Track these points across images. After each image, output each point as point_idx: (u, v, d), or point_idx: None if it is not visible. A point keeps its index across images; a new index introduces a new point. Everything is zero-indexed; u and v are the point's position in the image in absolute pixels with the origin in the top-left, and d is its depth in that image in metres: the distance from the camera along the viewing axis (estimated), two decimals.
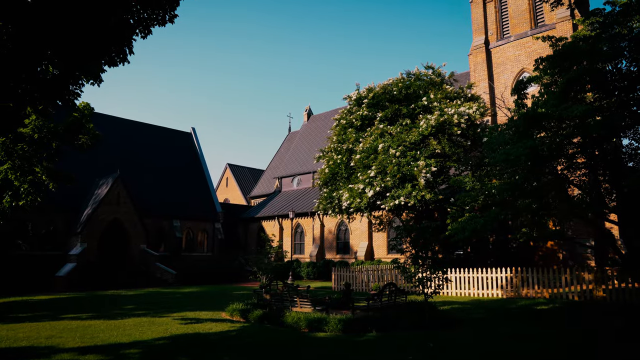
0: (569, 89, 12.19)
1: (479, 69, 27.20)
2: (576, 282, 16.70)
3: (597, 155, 13.81)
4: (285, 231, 37.95)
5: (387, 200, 19.35)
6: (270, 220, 39.41)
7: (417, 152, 19.20)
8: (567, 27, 23.81)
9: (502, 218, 13.26)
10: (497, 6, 27.92)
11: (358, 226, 32.54)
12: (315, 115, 50.27)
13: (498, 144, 13.13)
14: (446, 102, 20.48)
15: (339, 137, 23.04)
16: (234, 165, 57.22)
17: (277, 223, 38.51)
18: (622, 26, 12.15)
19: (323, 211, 23.46)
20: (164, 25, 9.76)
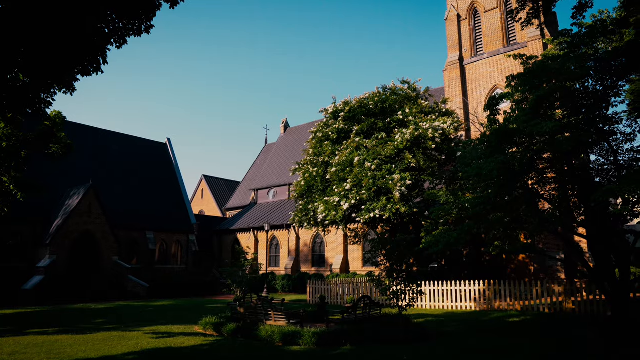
0: (539, 106, 12.48)
1: (453, 85, 27.73)
2: (547, 295, 17.04)
3: (566, 171, 14.15)
4: (261, 243, 37.70)
5: (362, 213, 19.44)
6: (246, 232, 39.12)
7: (393, 166, 19.39)
8: (538, 46, 24.52)
9: (475, 231, 13.42)
10: (471, 24, 28.58)
11: (334, 239, 32.56)
12: (292, 128, 50.36)
13: (471, 158, 13.34)
14: (421, 117, 20.78)
15: (315, 149, 23.12)
16: (210, 176, 56.77)
17: (252, 235, 38.24)
18: (588, 47, 12.56)
19: (299, 224, 23.42)
20: (139, 36, 9.69)
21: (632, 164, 13.46)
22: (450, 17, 29.06)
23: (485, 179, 12.33)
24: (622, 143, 13.80)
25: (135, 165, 37.68)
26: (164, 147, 42.70)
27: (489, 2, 27.78)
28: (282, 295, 28.88)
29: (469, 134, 25.76)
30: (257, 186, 45.50)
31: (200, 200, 55.32)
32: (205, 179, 55.64)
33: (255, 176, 48.63)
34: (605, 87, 12.99)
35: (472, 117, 25.01)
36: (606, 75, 12.65)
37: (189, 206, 39.46)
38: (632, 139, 13.66)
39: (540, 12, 12.06)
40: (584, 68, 12.13)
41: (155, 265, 34.37)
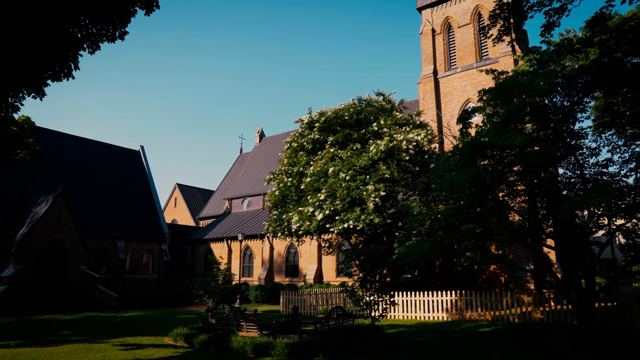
0: (509, 120, 12.77)
1: (427, 98, 28.17)
2: (516, 305, 17.35)
3: (536, 183, 14.49)
4: (234, 253, 37.35)
5: (336, 223, 19.49)
6: (219, 242, 38.71)
7: (367, 177, 19.52)
8: (509, 62, 25.16)
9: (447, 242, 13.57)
10: (445, 39, 29.16)
11: (307, 249, 32.49)
12: (267, 137, 50.26)
13: (444, 170, 13.54)
14: (396, 129, 21.02)
15: (290, 159, 23.12)
16: (183, 185, 56.06)
17: (225, 245, 37.86)
18: (556, 64, 12.97)
19: (273, 233, 23.31)
20: (113, 42, 9.58)
21: (597, 177, 13.88)
22: (425, 32, 29.59)
23: (457, 191, 12.52)
24: (587, 157, 14.23)
25: (106, 173, 36.97)
26: (137, 155, 42.05)
27: (463, 18, 28.43)
28: (255, 305, 28.63)
29: (442, 146, 26.16)
30: (231, 195, 45.16)
31: (173, 209, 54.55)
32: (179, 188, 54.95)
33: (230, 185, 48.28)
34: (572, 103, 13.40)
35: (445, 129, 25.43)
36: (573, 91, 13.06)
37: (162, 215, 38.87)
38: (597, 153, 14.09)
39: (511, 29, 12.40)
40: (552, 84, 12.50)
41: (126, 275, 33.64)
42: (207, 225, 44.24)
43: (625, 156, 13.96)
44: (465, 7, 28.45)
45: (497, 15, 12.16)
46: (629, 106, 12.85)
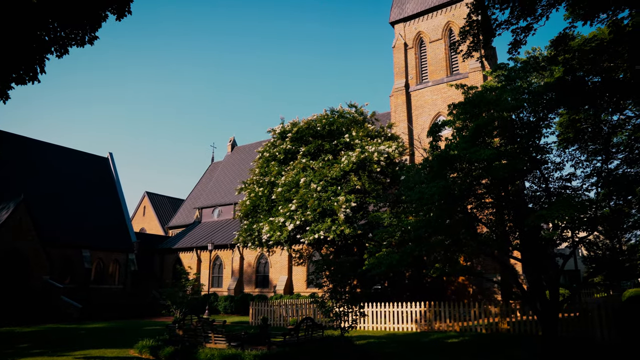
0: (478, 134, 13.05)
1: (399, 110, 28.54)
2: (484, 315, 17.61)
3: (503, 196, 14.80)
4: (204, 263, 36.83)
5: (307, 234, 19.45)
6: (188, 251, 38.12)
7: (338, 188, 19.59)
8: (479, 77, 25.76)
9: (417, 254, 13.70)
10: (417, 53, 29.68)
11: (278, 259, 32.30)
12: (240, 147, 49.98)
13: (414, 182, 13.70)
14: (367, 140, 21.20)
15: (261, 169, 23.03)
16: (153, 193, 55.09)
17: (195, 255, 37.30)
18: (523, 80, 13.34)
19: (243, 243, 23.09)
20: (82, 46, 9.40)
21: (561, 191, 14.27)
22: (397, 46, 30.06)
23: (427, 203, 12.68)
24: (552, 171, 14.63)
25: (73, 179, 36.04)
26: (105, 162, 41.17)
27: (434, 33, 29.01)
28: (224, 316, 28.23)
29: (413, 158, 26.49)
30: (201, 204, 44.62)
31: (142, 217, 53.51)
32: (148, 196, 53.97)
33: (201, 194, 47.72)
34: (538, 119, 13.78)
35: (416, 142, 25.80)
36: (539, 107, 13.44)
37: (130, 224, 38.06)
38: (561, 167, 14.51)
39: (480, 46, 12.71)
40: (519, 100, 12.85)
41: (91, 285, 32.72)
42: (176, 235, 43.55)
43: (587, 171, 14.42)
44: (437, 23, 29.06)
45: (467, 31, 12.45)
46: (590, 123, 13.31)
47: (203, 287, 33.54)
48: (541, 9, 10.97)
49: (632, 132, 13.90)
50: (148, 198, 53.73)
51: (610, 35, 11.10)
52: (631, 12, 10.78)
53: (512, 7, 11.06)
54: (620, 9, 10.54)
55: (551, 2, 10.73)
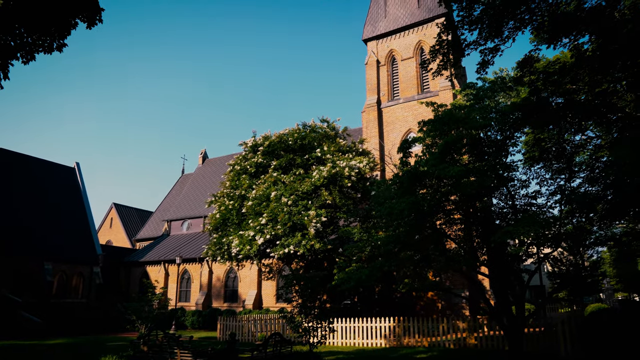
0: (447, 151, 13.28)
1: (370, 126, 28.83)
2: (452, 331, 17.74)
3: (471, 213, 15.05)
4: (171, 277, 36.11)
5: (277, 248, 19.33)
6: (156, 265, 37.33)
7: (309, 202, 19.57)
8: (449, 95, 26.29)
9: (386, 269, 13.76)
10: (389, 70, 30.14)
11: (247, 274, 31.95)
12: (211, 159, 49.53)
13: (385, 197, 13.81)
14: (339, 155, 21.31)
15: (232, 182, 22.85)
16: (121, 205, 53.89)
17: (162, 268, 36.56)
18: (490, 99, 13.70)
19: (212, 257, 22.77)
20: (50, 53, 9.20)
21: (527, 208, 14.60)
22: (370, 62, 30.48)
23: (396, 218, 12.78)
24: (518, 189, 14.98)
25: (36, 189, 34.93)
26: (72, 172, 40.11)
27: (406, 51, 29.55)
28: (192, 332, 27.66)
29: (383, 174, 26.73)
30: (170, 217, 43.89)
31: (108, 229, 52.23)
32: (116, 207, 52.77)
33: (170, 206, 46.96)
34: (505, 137, 14.13)
35: (387, 158, 26.06)
36: (506, 126, 13.79)
37: (96, 236, 37.06)
38: (527, 185, 14.87)
39: (450, 65, 12.99)
40: (487, 119, 13.17)
41: (53, 300, 31.58)
42: (143, 248, 42.63)
43: (551, 189, 14.82)
44: (409, 41, 29.62)
45: (437, 50, 12.72)
46: (554, 142, 13.72)
47: (170, 302, 32.83)
48: (508, 31, 11.32)
49: (593, 152, 14.38)
50: (115, 209, 52.53)
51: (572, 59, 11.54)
52: (591, 38, 11.23)
53: (481, 29, 11.37)
54: (581, 35, 10.97)
55: (517, 25, 11.08)
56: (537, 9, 10.83)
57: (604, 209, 12.83)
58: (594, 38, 11.05)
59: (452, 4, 11.85)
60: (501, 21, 10.90)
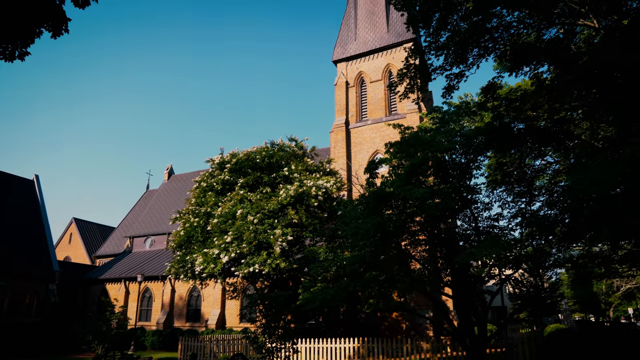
0: (413, 173, 13.49)
1: (338, 146, 29.06)
2: (416, 352, 17.79)
3: (436, 234, 15.27)
4: (132, 295, 35.07)
5: (242, 267, 19.08)
6: (116, 282, 36.22)
7: (275, 221, 19.46)
8: (415, 118, 26.81)
9: (351, 289, 13.76)
10: (358, 92, 30.58)
11: (211, 293, 31.36)
12: (177, 175, 48.81)
13: (351, 217, 13.87)
14: (306, 174, 21.33)
15: (198, 199, 22.54)
16: (81, 220, 52.24)
17: (123, 286, 35.50)
18: (456, 123, 14.06)
19: (175, 275, 22.27)
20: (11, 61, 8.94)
21: (489, 230, 14.92)
22: (339, 84, 30.86)
23: (362, 238, 12.84)
24: (481, 211, 15.30)
25: None
26: (30, 185, 38.72)
27: (375, 74, 30.09)
28: (151, 353, 26.82)
29: (350, 194, 26.88)
30: (133, 233, 42.83)
31: (67, 245, 50.46)
32: (76, 222, 51.09)
33: (133, 223, 45.85)
34: (469, 160, 14.48)
35: (354, 178, 26.25)
36: (470, 149, 14.14)
37: (53, 251, 35.72)
38: (489, 207, 15.21)
39: (416, 88, 13.29)
40: (452, 142, 13.48)
41: (4, 319, 30.13)
42: (104, 264, 41.35)
43: (513, 211, 15.20)
44: (378, 64, 30.19)
45: (405, 74, 13.01)
46: (515, 166, 14.13)
47: (130, 321, 31.84)
48: (472, 58, 11.69)
49: (552, 177, 14.87)
50: (75, 225, 50.87)
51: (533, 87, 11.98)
52: (550, 68, 11.73)
53: (447, 54, 11.71)
54: (541, 64, 11.45)
55: (481, 52, 11.46)
56: (500, 38, 11.25)
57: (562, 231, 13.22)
58: (553, 68, 11.54)
59: (419, 30, 12.19)
60: (466, 48, 11.26)
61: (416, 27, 11.93)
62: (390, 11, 30.48)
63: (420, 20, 11.38)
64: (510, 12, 10.68)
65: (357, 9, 32.37)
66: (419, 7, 11.28)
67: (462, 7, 10.94)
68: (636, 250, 12.79)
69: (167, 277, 32.60)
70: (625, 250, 13.70)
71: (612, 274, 14.78)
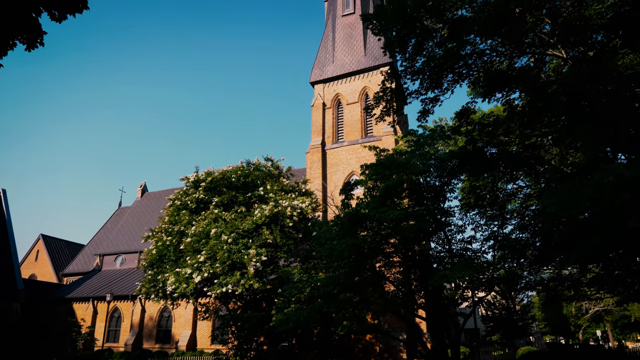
0: (388, 195, 13.62)
1: (314, 167, 29.13)
2: None
3: (410, 256, 15.36)
4: (100, 315, 34.05)
5: (215, 287, 18.74)
6: (84, 302, 35.15)
7: (250, 241, 19.26)
8: (391, 141, 27.13)
9: (325, 311, 13.68)
10: (335, 113, 30.85)
11: (182, 313, 30.70)
12: (150, 193, 48.06)
13: (326, 239, 13.86)
14: (281, 195, 21.24)
15: (171, 217, 22.18)
16: (49, 236, 50.68)
17: (91, 306, 34.46)
18: (430, 147, 14.30)
19: (145, 295, 21.73)
20: None
21: (463, 252, 15.08)
22: (316, 105, 31.09)
23: (337, 260, 12.83)
24: (455, 233, 15.49)
25: None
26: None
27: (352, 96, 30.44)
28: None
29: (325, 215, 26.87)
30: (104, 251, 41.79)
31: (33, 262, 48.83)
32: (43, 239, 49.53)
33: (104, 240, 44.78)
34: (443, 183, 14.69)
35: (329, 199, 26.30)
36: (444, 173, 14.37)
37: (18, 269, 34.33)
38: (463, 230, 15.41)
39: (392, 111, 13.49)
40: (427, 165, 13.68)
41: None
42: (72, 283, 40.12)
43: (485, 234, 15.43)
44: (355, 87, 30.58)
45: (381, 97, 13.20)
46: (488, 190, 14.40)
47: (97, 342, 30.86)
48: (447, 83, 11.96)
49: (524, 201, 15.18)
50: (43, 241, 49.33)
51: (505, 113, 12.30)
52: (521, 95, 12.08)
53: (422, 79, 11.95)
54: (513, 91, 11.80)
55: (456, 78, 11.74)
56: (473, 65, 11.55)
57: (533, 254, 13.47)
58: (524, 95, 11.89)
59: (396, 54, 12.42)
60: (441, 73, 11.53)
61: (393, 51, 12.16)
62: (368, 35, 31.02)
63: (397, 45, 11.61)
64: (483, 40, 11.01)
65: (336, 32, 32.86)
66: (395, 33, 11.53)
67: (438, 34, 11.23)
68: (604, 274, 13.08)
69: (138, 297, 31.81)
70: (594, 273, 14.00)
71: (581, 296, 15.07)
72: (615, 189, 7.22)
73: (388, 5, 11.32)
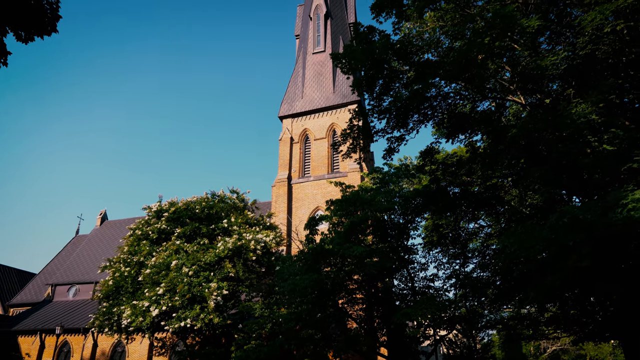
0: (352, 231, 13.68)
1: (280, 201, 29.04)
2: None
3: (373, 293, 15.34)
4: (47, 350, 32.26)
5: (173, 321, 18.12)
6: (31, 335, 33.27)
7: (211, 274, 18.84)
8: (357, 177, 27.43)
9: (286, 347, 13.43)
10: (302, 148, 31.08)
11: (137, 349, 29.44)
12: (110, 221, 46.66)
13: (289, 273, 13.73)
14: (246, 228, 21.00)
15: (131, 247, 21.53)
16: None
17: (38, 339, 32.64)
18: (395, 184, 14.55)
19: (99, 328, 20.76)
20: None
21: (425, 290, 15.19)
22: (284, 139, 31.29)
23: (299, 295, 12.69)
24: (418, 271, 15.62)
25: None
26: None
27: (319, 132, 30.81)
28: None
29: (290, 249, 26.67)
30: (56, 281, 39.95)
31: None
32: None
33: (57, 269, 42.90)
34: (407, 221, 14.89)
35: (294, 234, 26.17)
36: (408, 210, 14.59)
37: None
38: (425, 268, 15.57)
39: (358, 149, 13.71)
40: (391, 202, 13.87)
41: None
42: (18, 314, 38.03)
43: (448, 272, 15.63)
44: (323, 123, 31.00)
45: (348, 134, 13.43)
46: (451, 229, 14.68)
47: None
48: (413, 123, 12.31)
49: (485, 240, 15.53)
50: None
51: (467, 154, 12.69)
52: (483, 137, 12.53)
53: (389, 118, 12.26)
54: (475, 133, 12.23)
55: (421, 118, 12.11)
56: (438, 107, 11.96)
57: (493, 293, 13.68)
58: (486, 137, 12.33)
59: (364, 93, 12.74)
60: (407, 113, 11.86)
61: (361, 90, 12.47)
62: (337, 73, 31.71)
63: (365, 84, 11.92)
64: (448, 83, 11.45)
65: (306, 69, 33.46)
66: (364, 72, 11.85)
67: (404, 76, 11.60)
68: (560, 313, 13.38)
69: (90, 330, 30.37)
70: (551, 312, 14.30)
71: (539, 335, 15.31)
72: (570, 230, 7.50)
73: (357, 46, 11.67)
